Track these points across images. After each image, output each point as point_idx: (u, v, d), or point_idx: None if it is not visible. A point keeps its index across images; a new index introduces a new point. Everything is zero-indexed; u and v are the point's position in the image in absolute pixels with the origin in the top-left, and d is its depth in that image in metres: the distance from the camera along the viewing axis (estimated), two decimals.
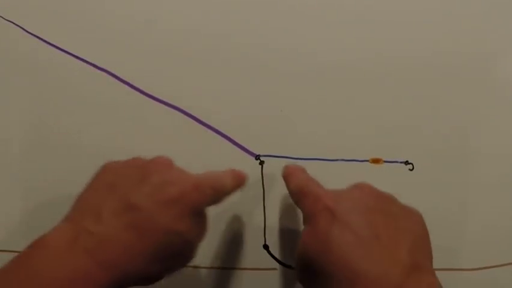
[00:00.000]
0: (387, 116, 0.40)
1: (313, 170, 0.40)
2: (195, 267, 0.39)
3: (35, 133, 0.41)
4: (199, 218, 0.30)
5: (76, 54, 0.41)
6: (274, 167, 0.40)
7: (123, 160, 0.32)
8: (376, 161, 0.40)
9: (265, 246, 0.40)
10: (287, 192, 0.40)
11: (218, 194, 0.31)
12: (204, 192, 0.30)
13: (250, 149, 0.40)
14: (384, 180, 0.40)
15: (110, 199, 0.28)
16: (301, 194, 0.31)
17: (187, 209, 0.29)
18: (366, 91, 0.40)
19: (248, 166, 0.40)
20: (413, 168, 0.40)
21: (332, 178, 0.40)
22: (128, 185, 0.29)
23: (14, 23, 0.41)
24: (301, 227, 0.39)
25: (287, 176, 0.35)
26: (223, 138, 0.40)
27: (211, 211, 0.40)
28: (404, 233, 0.28)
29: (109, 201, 0.28)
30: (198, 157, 0.40)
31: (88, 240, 0.26)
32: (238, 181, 0.34)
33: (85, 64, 0.41)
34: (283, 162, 0.40)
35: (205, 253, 0.39)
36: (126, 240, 0.27)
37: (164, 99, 0.40)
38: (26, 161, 0.40)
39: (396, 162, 0.40)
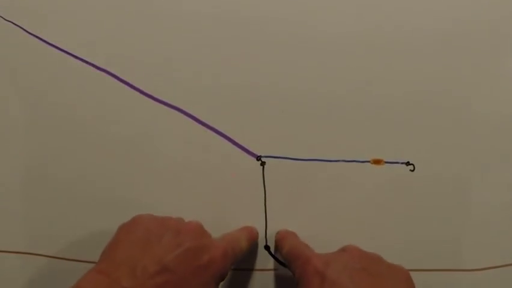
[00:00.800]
0: (388, 117, 0.40)
1: (314, 171, 0.40)
2: None
3: (34, 133, 0.40)
4: (220, 281, 0.33)
5: (75, 54, 0.41)
6: (276, 168, 0.40)
7: (154, 216, 0.34)
8: (377, 161, 0.40)
9: (266, 247, 0.40)
10: (288, 192, 0.40)
11: (237, 257, 0.35)
12: (229, 258, 0.33)
13: (251, 150, 0.40)
14: (385, 181, 0.40)
15: (145, 258, 0.30)
16: (293, 257, 0.34)
17: (214, 275, 0.31)
18: (367, 92, 0.40)
19: (249, 167, 0.40)
20: (414, 169, 0.40)
21: (333, 179, 0.40)
22: (163, 247, 0.31)
23: (14, 23, 0.41)
24: (302, 227, 0.40)
25: (280, 240, 0.38)
26: (224, 139, 0.40)
27: (213, 212, 0.40)
28: None
29: (143, 260, 0.29)
30: (199, 158, 0.40)
31: None
32: (252, 239, 0.38)
33: (85, 64, 0.41)
34: (285, 163, 0.40)
35: None
36: None
37: (164, 99, 0.40)
38: (25, 161, 0.40)
39: (398, 163, 0.40)
